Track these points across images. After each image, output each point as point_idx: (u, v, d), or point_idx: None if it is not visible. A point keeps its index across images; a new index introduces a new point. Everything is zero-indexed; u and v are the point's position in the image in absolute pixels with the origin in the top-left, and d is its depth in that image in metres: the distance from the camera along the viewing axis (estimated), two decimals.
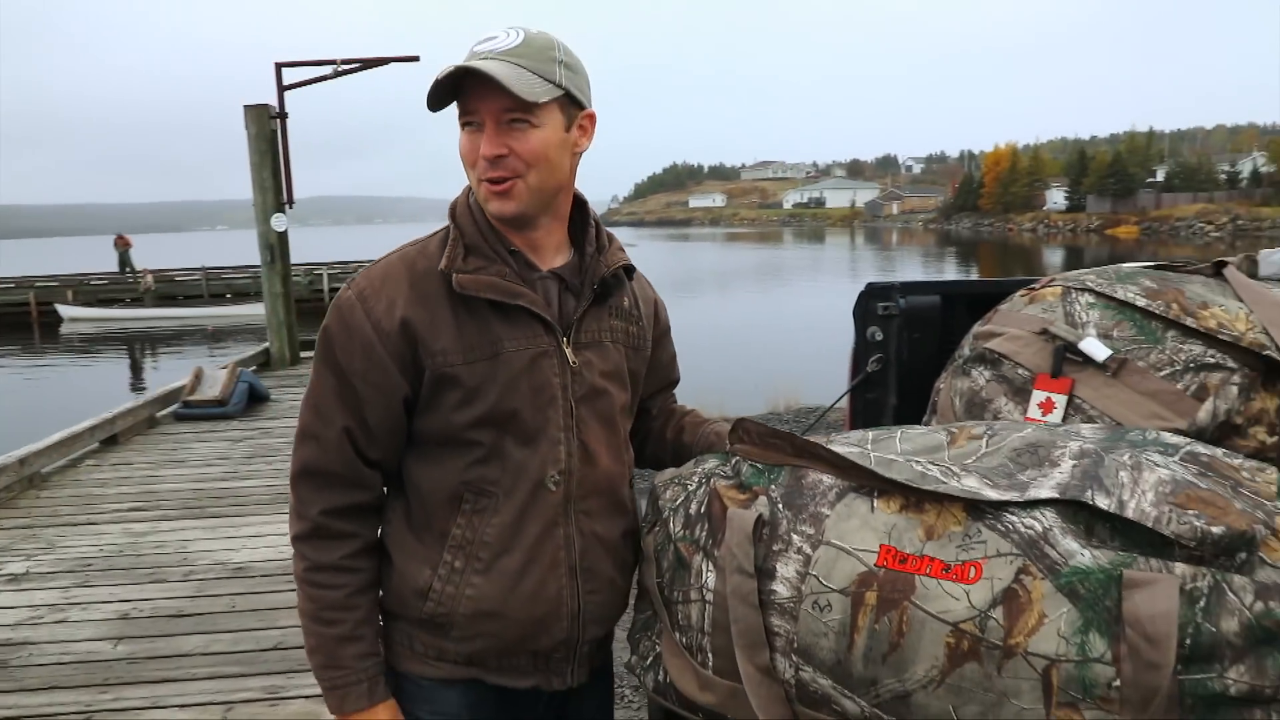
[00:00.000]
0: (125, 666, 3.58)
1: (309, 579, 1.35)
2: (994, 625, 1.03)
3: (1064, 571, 1.02)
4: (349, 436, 1.33)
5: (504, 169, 1.30)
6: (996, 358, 1.81)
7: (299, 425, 1.37)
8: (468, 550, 1.35)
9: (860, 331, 2.46)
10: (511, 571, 1.35)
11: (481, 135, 1.29)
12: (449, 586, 1.35)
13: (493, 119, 1.28)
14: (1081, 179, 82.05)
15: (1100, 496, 1.07)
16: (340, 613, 1.35)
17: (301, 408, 1.37)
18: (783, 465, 1.28)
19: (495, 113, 1.28)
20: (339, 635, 1.34)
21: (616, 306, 1.46)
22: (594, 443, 1.40)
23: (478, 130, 1.30)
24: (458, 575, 1.35)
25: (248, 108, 10.13)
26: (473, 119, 1.30)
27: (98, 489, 6.06)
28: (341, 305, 1.35)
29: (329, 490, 1.34)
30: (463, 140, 1.32)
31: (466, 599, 1.34)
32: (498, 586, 1.35)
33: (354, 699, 1.35)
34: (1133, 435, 1.27)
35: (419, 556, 1.37)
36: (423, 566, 1.36)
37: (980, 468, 1.19)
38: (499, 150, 1.29)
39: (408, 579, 1.37)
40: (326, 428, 1.33)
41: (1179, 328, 1.64)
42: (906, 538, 1.11)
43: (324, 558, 1.34)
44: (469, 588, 1.34)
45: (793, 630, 1.16)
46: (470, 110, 1.29)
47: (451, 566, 1.35)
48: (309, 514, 1.34)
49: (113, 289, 26.27)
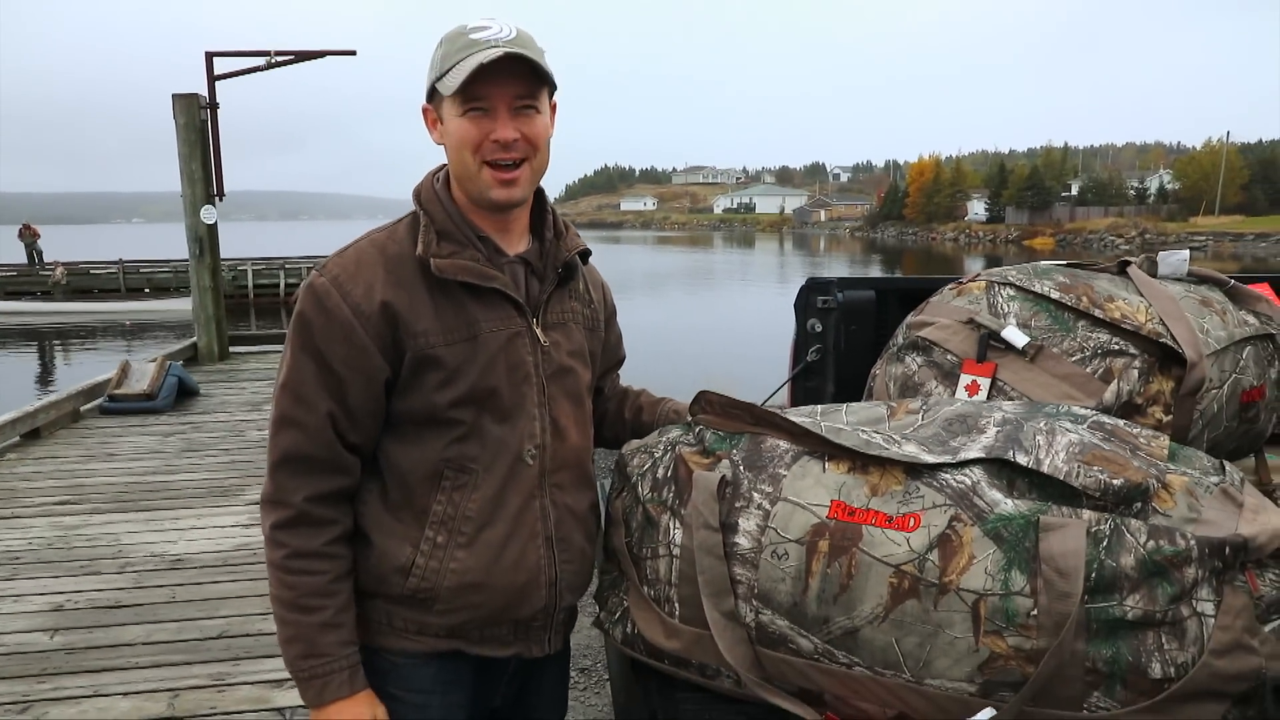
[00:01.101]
0: (63, 657, 3.54)
1: (289, 566, 1.35)
2: (931, 566, 1.18)
3: (990, 518, 1.18)
4: (331, 421, 1.34)
5: (516, 151, 1.36)
6: (928, 345, 1.98)
7: (276, 413, 1.37)
8: (450, 525, 1.38)
9: (801, 324, 2.62)
10: (494, 543, 1.39)
11: (488, 120, 1.34)
12: (432, 562, 1.38)
13: (505, 105, 1.34)
14: (1001, 191, 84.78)
15: (1020, 455, 1.23)
16: (322, 599, 1.35)
17: (277, 395, 1.37)
18: (742, 433, 1.42)
19: (508, 99, 1.34)
20: (321, 623, 1.34)
21: (575, 290, 1.55)
22: (564, 419, 1.47)
23: (484, 115, 1.34)
24: (441, 550, 1.38)
25: (176, 97, 9.89)
26: (482, 104, 1.33)
27: (21, 483, 5.90)
28: (317, 290, 1.35)
29: (312, 476, 1.35)
30: (463, 125, 1.35)
31: (450, 572, 1.38)
32: (481, 558, 1.39)
33: (335, 687, 1.35)
34: (1048, 409, 1.44)
35: (398, 534, 1.39)
36: (403, 544, 1.38)
37: (918, 436, 1.34)
38: (514, 134, 1.35)
39: (388, 557, 1.39)
40: (308, 413, 1.34)
41: (1088, 318, 1.83)
42: (854, 494, 1.26)
43: (307, 544, 1.35)
44: (453, 561, 1.38)
45: (754, 578, 1.29)
46: (480, 95, 1.33)
47: (434, 542, 1.38)
48: (292, 500, 1.35)
49: (21, 281, 25.25)
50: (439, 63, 1.36)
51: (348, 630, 1.37)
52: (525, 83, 1.35)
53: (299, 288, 1.40)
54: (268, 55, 10.04)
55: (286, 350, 1.37)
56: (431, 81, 1.37)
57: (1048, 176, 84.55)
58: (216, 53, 10.06)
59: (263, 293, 24.84)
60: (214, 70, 9.99)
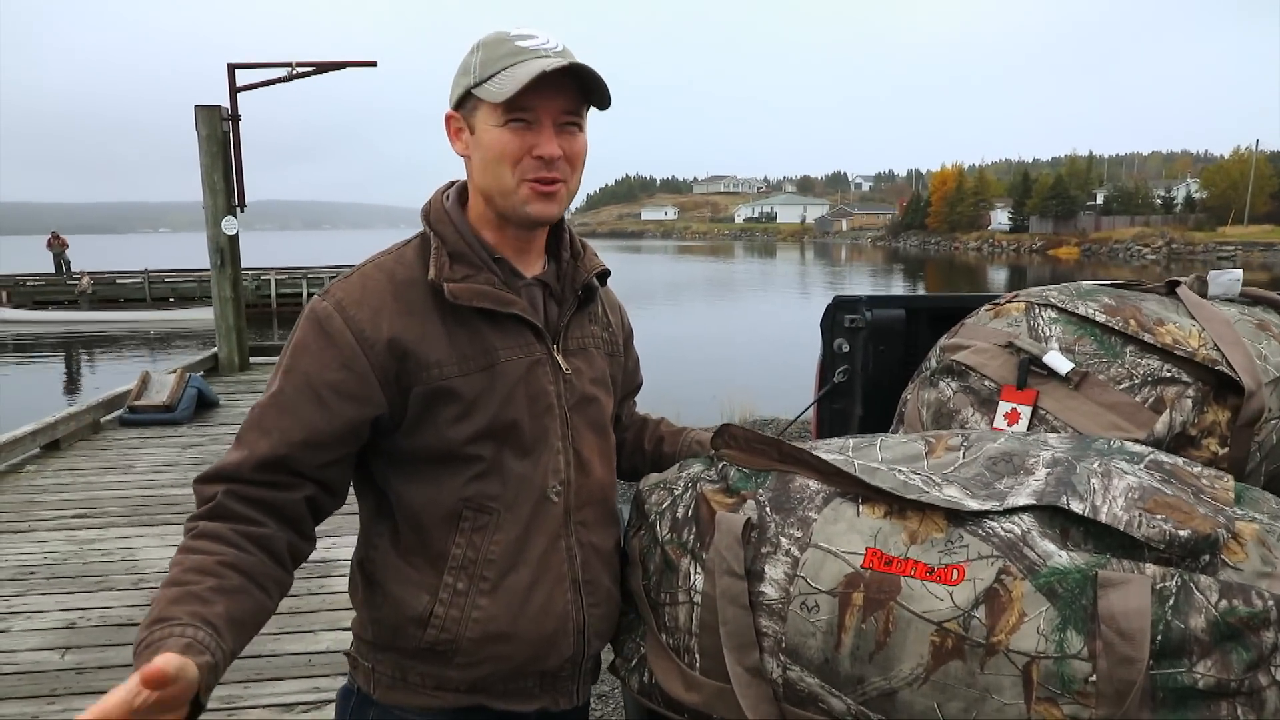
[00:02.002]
0: (74, 676, 3.49)
1: (185, 547, 1.14)
2: (977, 624, 1.07)
3: (1043, 572, 1.07)
4: (288, 449, 1.20)
5: (557, 170, 1.27)
6: (963, 369, 1.87)
7: (244, 425, 1.25)
8: (471, 570, 1.28)
9: (827, 343, 2.52)
10: (520, 589, 1.30)
11: (531, 133, 1.25)
12: (452, 610, 1.28)
13: (551, 119, 1.26)
14: (1025, 200, 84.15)
15: (1074, 502, 1.12)
16: (201, 576, 1.09)
17: (248, 415, 1.26)
18: (769, 470, 1.32)
19: (555, 113, 1.26)
20: (184, 593, 1.06)
21: (594, 313, 1.47)
22: (588, 451, 1.39)
23: (527, 129, 1.25)
24: (461, 598, 1.28)
25: (199, 108, 9.95)
26: (527, 116, 1.25)
27: (40, 495, 5.88)
28: (318, 315, 1.26)
29: (250, 485, 1.19)
30: (503, 137, 1.25)
31: (473, 622, 1.28)
32: (506, 606, 1.29)
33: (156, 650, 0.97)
34: (1099, 444, 1.33)
35: (414, 582, 1.29)
36: (419, 592, 1.29)
37: (959, 477, 1.24)
38: (559, 151, 1.26)
39: (403, 607, 1.29)
40: (263, 437, 1.21)
41: (1137, 343, 1.72)
42: (891, 541, 1.15)
43: (211, 527, 1.15)
44: (475, 609, 1.28)
45: (781, 630, 1.19)
46: (528, 107, 1.24)
47: (454, 589, 1.28)
48: (213, 493, 1.18)
49: (49, 290, 25.55)
50: (478, 68, 1.26)
51: (215, 612, 1.06)
52: (573, 98, 1.27)
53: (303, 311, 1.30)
54: (289, 66, 10.07)
55: (274, 371, 1.28)
56: (467, 87, 1.27)
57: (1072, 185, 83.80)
58: (239, 64, 10.10)
59: (285, 302, 25.02)
60: (236, 82, 10.04)
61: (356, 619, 1.39)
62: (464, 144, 1.32)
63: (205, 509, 1.18)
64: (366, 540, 1.36)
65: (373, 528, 1.35)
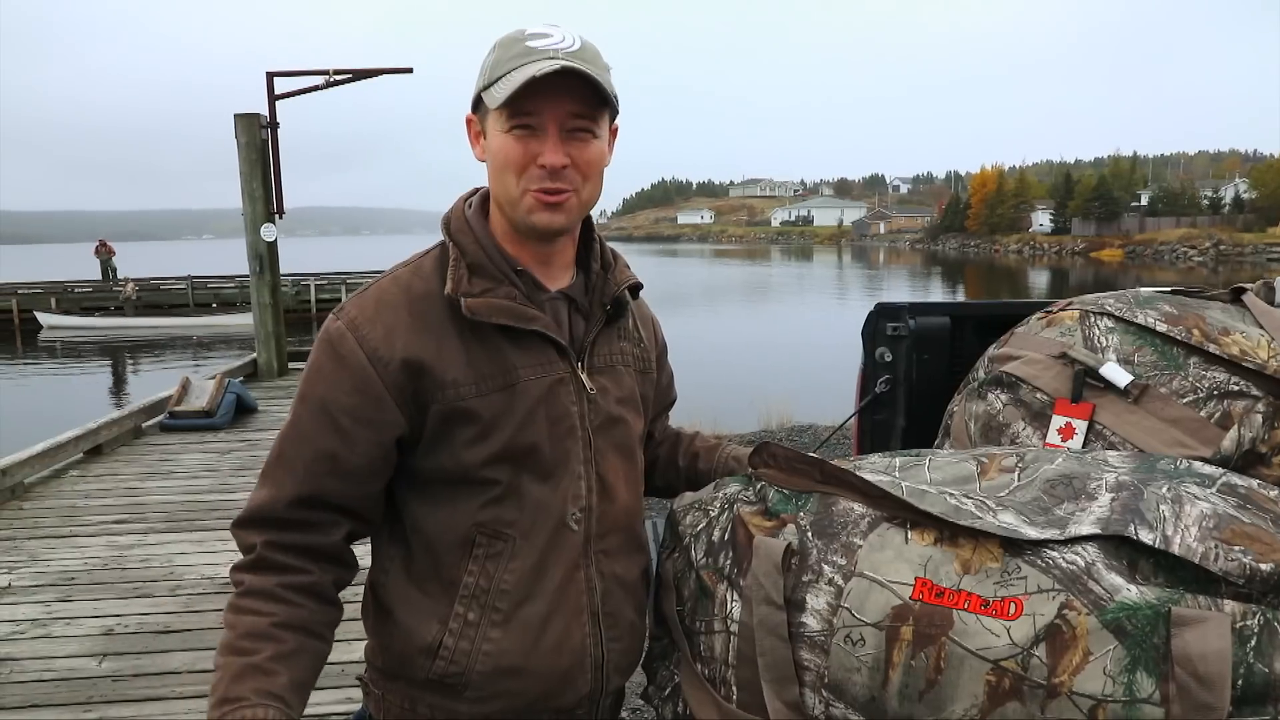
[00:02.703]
0: (110, 684, 3.51)
1: (237, 605, 1.16)
2: (1037, 663, 0.99)
3: (1110, 607, 0.99)
4: (316, 483, 1.18)
5: (564, 181, 1.19)
6: (1014, 381, 1.78)
7: (269, 459, 1.22)
8: (483, 600, 1.22)
9: (869, 352, 2.44)
10: (534, 622, 1.23)
11: (536, 140, 1.18)
12: (463, 642, 1.22)
13: (557, 124, 1.18)
14: (1067, 202, 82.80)
15: (1144, 531, 1.04)
16: (258, 642, 1.13)
17: (272, 448, 1.23)
18: (810, 492, 1.25)
19: (561, 118, 1.18)
20: (247, 665, 1.11)
21: (624, 329, 1.38)
22: (612, 476, 1.31)
23: (531, 135, 1.18)
24: (472, 629, 1.22)
25: (238, 116, 10.07)
26: (531, 122, 1.17)
27: (82, 500, 5.96)
28: (331, 336, 1.21)
29: (285, 529, 1.19)
30: (507, 144, 1.19)
31: (483, 655, 1.22)
32: (519, 639, 1.23)
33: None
34: (1165, 465, 1.24)
35: (424, 609, 1.23)
36: (430, 620, 1.22)
37: (1015, 501, 1.15)
38: (564, 160, 1.18)
39: (413, 636, 1.23)
40: (289, 475, 1.18)
41: (1201, 354, 1.62)
42: (943, 571, 1.08)
43: (261, 583, 1.16)
44: (486, 642, 1.22)
45: (823, 665, 1.12)
46: (530, 111, 1.16)
47: (465, 619, 1.22)
48: (255, 543, 1.18)
49: (96, 297, 26.07)
50: (489, 69, 1.20)
51: (280, 684, 1.11)
52: (582, 102, 1.17)
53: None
54: (326, 74, 10.17)
55: (297, 397, 1.23)
56: (478, 90, 1.22)
57: (1116, 186, 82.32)
58: (277, 72, 10.22)
59: (325, 307, 25.30)
60: (275, 90, 10.14)
61: (368, 644, 1.34)
62: (481, 149, 1.25)
63: (248, 561, 1.18)
64: (379, 563, 1.30)
65: (386, 549, 1.29)
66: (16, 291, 25.31)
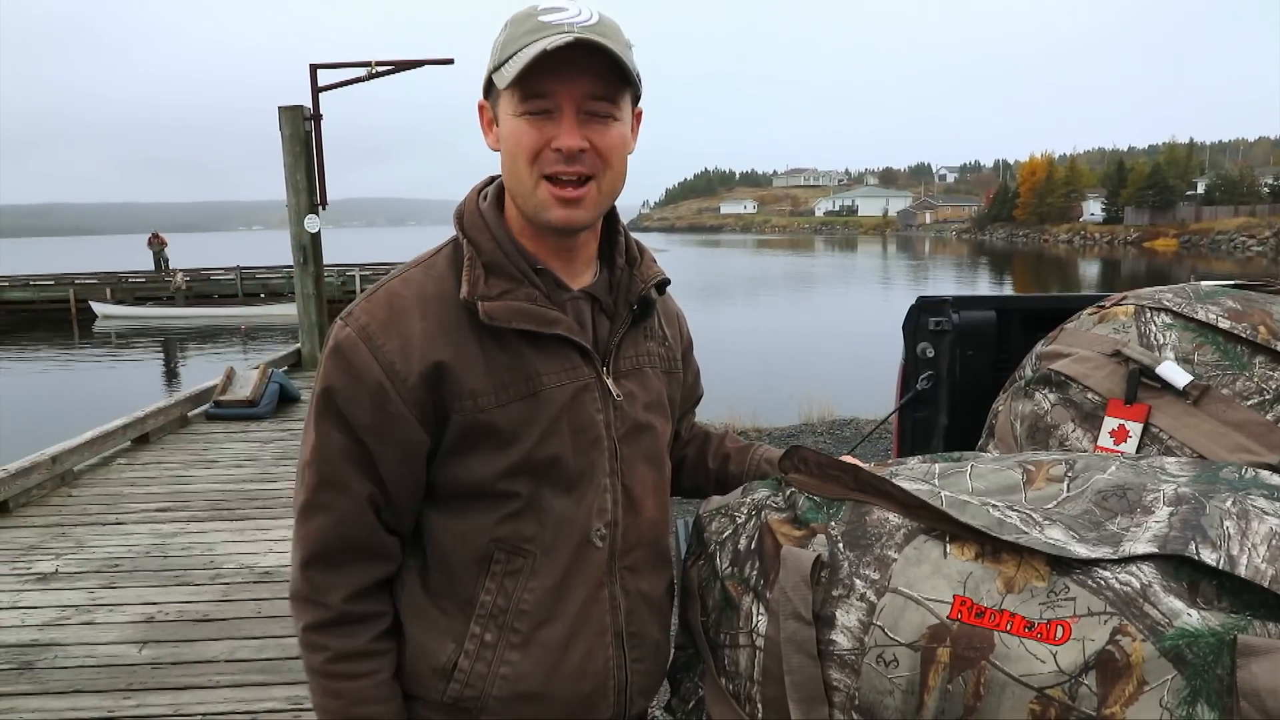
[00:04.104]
0: (149, 671, 3.55)
1: (331, 671, 1.13)
2: (1086, 693, 0.92)
3: (1168, 634, 0.91)
4: (370, 503, 1.13)
5: (581, 166, 1.10)
6: (1063, 380, 1.69)
7: (300, 498, 1.15)
8: (500, 620, 1.16)
9: (910, 347, 2.35)
10: (555, 645, 1.17)
11: (550, 123, 1.09)
12: (478, 664, 1.15)
13: (573, 105, 1.09)
14: (1119, 190, 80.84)
15: (1206, 550, 0.95)
16: (375, 706, 1.14)
17: (300, 474, 1.16)
18: (843, 500, 1.18)
19: (577, 99, 1.09)
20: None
21: (650, 328, 1.30)
22: (638, 488, 1.24)
23: (545, 118, 1.09)
24: (489, 650, 1.15)
25: (282, 109, 10.17)
26: (545, 104, 1.09)
27: (128, 488, 6.07)
28: (343, 348, 1.12)
29: (351, 571, 1.14)
30: (519, 128, 1.10)
31: (500, 679, 1.15)
32: (538, 663, 1.16)
33: None
34: (1227, 474, 1.15)
35: (439, 628, 1.17)
36: (444, 640, 1.17)
37: (1064, 515, 1.07)
38: (581, 143, 1.09)
39: (426, 655, 1.17)
40: (340, 496, 1.12)
41: (1267, 353, 1.52)
42: (984, 589, 1.00)
43: (350, 644, 1.14)
44: (503, 665, 1.15)
45: (854, 685, 1.05)
46: (543, 93, 1.08)
47: (481, 640, 1.15)
48: (329, 601, 1.13)
49: (149, 287, 26.64)
50: (499, 48, 1.11)
51: None
52: (601, 81, 1.09)
53: (326, 337, 1.17)
54: (369, 66, 10.20)
55: (308, 419, 1.15)
56: (489, 72, 1.13)
57: (1170, 174, 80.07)
58: (320, 65, 10.28)
59: None
60: (318, 82, 10.21)
61: None
62: (494, 137, 1.17)
63: (327, 619, 1.14)
64: (394, 576, 1.23)
65: (401, 562, 1.22)
66: (74, 282, 25.96)
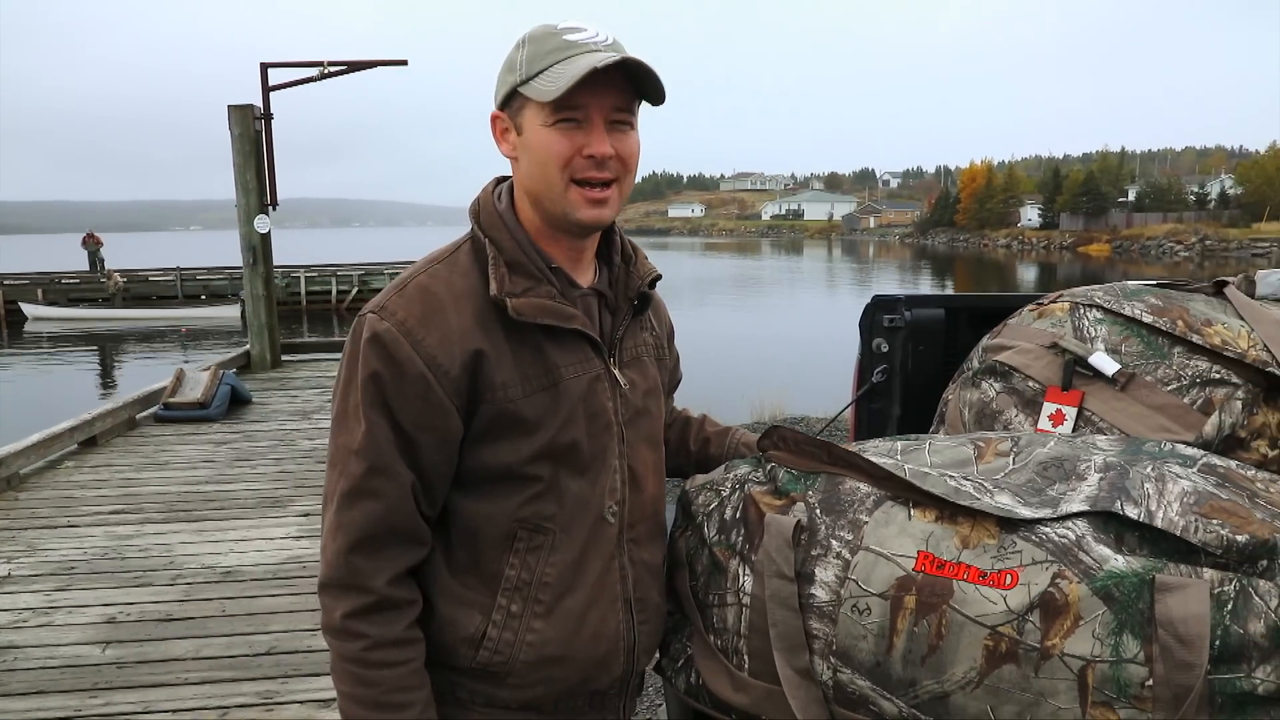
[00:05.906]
0: (114, 671, 3.55)
1: (368, 659, 1.18)
2: (1031, 628, 1.07)
3: (1099, 575, 1.06)
4: (413, 490, 1.20)
5: (609, 170, 1.22)
6: (1007, 370, 1.86)
7: (346, 483, 1.19)
8: (525, 592, 1.25)
9: (866, 343, 2.51)
10: (575, 612, 1.27)
11: (580, 132, 1.20)
12: (506, 633, 1.24)
13: (602, 117, 1.20)
14: (1055, 197, 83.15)
15: (1129, 507, 1.12)
16: (408, 694, 1.20)
17: (342, 461, 1.20)
18: (819, 472, 1.32)
19: (606, 110, 1.20)
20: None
21: (645, 320, 1.43)
22: (642, 467, 1.36)
23: (577, 128, 1.20)
24: (516, 620, 1.25)
25: (232, 108, 10.05)
26: (577, 115, 1.19)
27: (78, 491, 5.98)
28: (384, 340, 1.18)
29: (392, 555, 1.20)
30: (551, 137, 1.20)
31: (527, 645, 1.25)
32: (562, 629, 1.26)
33: None
34: (1149, 447, 1.32)
35: (466, 601, 1.25)
36: (471, 612, 1.25)
37: (1010, 484, 1.23)
38: (611, 150, 1.21)
39: (455, 626, 1.25)
40: (389, 483, 1.18)
41: (1184, 344, 1.70)
42: (944, 545, 1.15)
43: (388, 631, 1.19)
44: (529, 633, 1.25)
45: (831, 633, 1.19)
46: (578, 105, 1.18)
47: (508, 611, 1.25)
48: (372, 586, 1.18)
49: (83, 289, 25.91)
50: (525, 64, 1.20)
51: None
52: (624, 94, 1.21)
53: (355, 330, 1.22)
54: (320, 66, 10.15)
55: (354, 408, 1.20)
56: (513, 85, 1.22)
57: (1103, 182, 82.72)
58: (271, 64, 10.20)
59: (315, 299, 25.30)
60: (269, 81, 10.13)
61: None
62: (511, 145, 1.27)
63: (370, 603, 1.19)
64: None
65: None
66: (2, 283, 25.07)
